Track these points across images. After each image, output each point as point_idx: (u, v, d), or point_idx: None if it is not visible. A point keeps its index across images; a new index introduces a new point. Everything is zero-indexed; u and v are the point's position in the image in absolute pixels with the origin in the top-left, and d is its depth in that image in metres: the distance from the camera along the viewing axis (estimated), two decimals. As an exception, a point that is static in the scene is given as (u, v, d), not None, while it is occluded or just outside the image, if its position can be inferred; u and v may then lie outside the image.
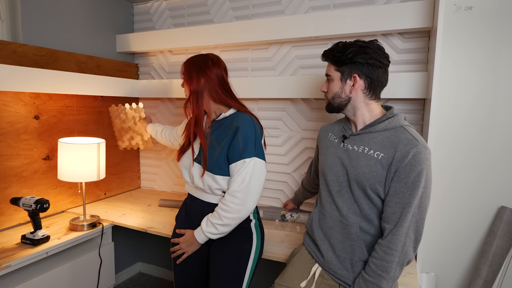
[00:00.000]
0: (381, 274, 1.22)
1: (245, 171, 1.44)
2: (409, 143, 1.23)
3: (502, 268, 1.82)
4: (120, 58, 2.71)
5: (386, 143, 1.28)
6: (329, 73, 1.41)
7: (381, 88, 1.38)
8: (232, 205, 1.44)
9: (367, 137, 1.35)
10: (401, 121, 1.32)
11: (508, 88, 1.81)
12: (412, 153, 1.20)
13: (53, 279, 1.81)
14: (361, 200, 1.32)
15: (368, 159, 1.30)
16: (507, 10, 1.77)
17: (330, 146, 1.49)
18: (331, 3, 2.08)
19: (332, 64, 1.39)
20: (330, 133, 1.55)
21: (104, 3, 2.53)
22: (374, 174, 1.27)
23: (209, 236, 1.49)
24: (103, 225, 2.04)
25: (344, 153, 1.39)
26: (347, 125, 1.45)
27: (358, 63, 1.32)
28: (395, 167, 1.23)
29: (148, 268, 2.96)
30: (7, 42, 1.87)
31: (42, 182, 2.10)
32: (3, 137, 1.88)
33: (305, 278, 1.42)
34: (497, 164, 1.86)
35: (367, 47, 1.32)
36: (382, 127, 1.31)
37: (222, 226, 1.46)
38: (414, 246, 1.25)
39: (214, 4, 2.43)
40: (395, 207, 1.23)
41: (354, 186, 1.33)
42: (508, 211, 1.83)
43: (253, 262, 1.54)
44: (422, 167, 1.20)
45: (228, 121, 1.54)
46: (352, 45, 1.34)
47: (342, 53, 1.33)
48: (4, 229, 1.92)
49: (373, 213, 1.32)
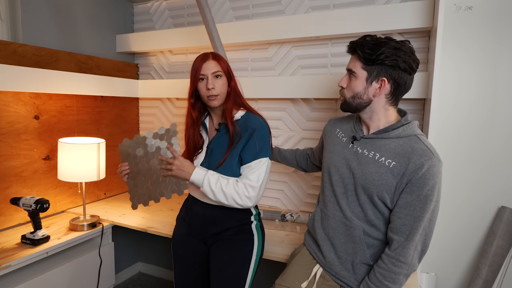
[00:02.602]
0: (388, 285, 1.22)
1: (260, 170, 1.44)
2: (424, 154, 1.18)
3: (502, 268, 1.82)
4: (120, 58, 2.72)
5: (399, 151, 1.23)
6: (353, 69, 1.29)
7: (403, 94, 1.31)
8: (243, 195, 1.42)
9: (379, 142, 1.29)
10: (415, 129, 1.27)
11: (507, 88, 1.82)
12: (426, 166, 1.16)
13: (53, 279, 1.81)
14: (366, 206, 1.30)
15: (379, 166, 1.25)
16: (507, 10, 1.77)
17: (338, 144, 1.44)
18: (331, 3, 2.09)
19: (360, 60, 1.27)
20: (338, 129, 1.49)
21: (104, 3, 2.54)
22: (383, 182, 1.23)
23: (204, 186, 1.41)
24: (103, 225, 2.05)
25: (353, 155, 1.34)
26: (358, 126, 1.40)
27: (389, 65, 1.22)
28: (407, 178, 1.19)
29: (148, 268, 2.97)
30: (7, 42, 1.88)
31: (42, 182, 2.11)
32: (3, 137, 1.89)
33: (306, 279, 1.41)
34: (497, 164, 1.86)
35: (400, 49, 1.22)
36: (396, 134, 1.26)
37: (222, 195, 1.41)
38: (420, 257, 1.24)
39: (214, 4, 2.43)
40: (406, 219, 1.20)
41: (360, 191, 1.30)
42: (508, 211, 1.83)
43: (255, 263, 1.54)
44: (436, 181, 1.17)
45: (240, 123, 1.51)
46: (384, 43, 1.23)
47: (374, 51, 1.22)
48: (4, 229, 1.93)
49: (377, 219, 1.30)
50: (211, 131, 1.59)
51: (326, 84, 2.04)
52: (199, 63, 1.48)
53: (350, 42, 1.32)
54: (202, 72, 1.46)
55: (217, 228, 1.57)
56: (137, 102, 2.83)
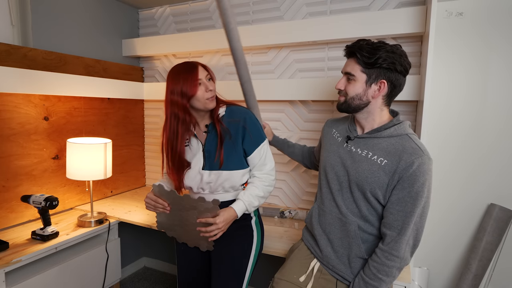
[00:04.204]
0: (382, 278, 1.25)
1: (265, 154, 1.55)
2: (414, 152, 1.21)
3: (491, 262, 1.86)
4: (126, 61, 2.75)
5: (391, 150, 1.26)
6: (352, 73, 1.31)
7: (397, 95, 1.36)
8: (271, 181, 1.55)
9: (371, 141, 1.33)
10: (407, 129, 1.30)
11: (496, 90, 1.85)
12: (417, 163, 1.19)
13: (62, 273, 1.85)
14: (360, 202, 1.33)
15: (371, 164, 1.28)
16: (496, 17, 1.81)
17: (333, 144, 1.47)
18: (328, 9, 2.12)
19: (359, 63, 1.29)
20: (334, 129, 1.52)
21: (110, 9, 2.57)
22: (375, 179, 1.26)
23: (250, 208, 1.49)
24: (109, 221, 2.08)
25: (347, 154, 1.38)
26: (352, 126, 1.43)
27: (387, 68, 1.26)
28: (398, 176, 1.22)
29: (152, 263, 3.00)
30: (18, 47, 1.91)
31: (51, 181, 2.14)
32: (14, 137, 1.93)
33: (304, 273, 1.44)
34: (487, 163, 1.90)
35: (395, 52, 1.26)
36: (388, 134, 1.30)
37: (262, 198, 1.52)
38: (412, 251, 1.27)
39: (215, 10, 2.47)
40: (398, 215, 1.23)
41: (354, 187, 1.33)
42: (497, 208, 1.87)
43: (253, 258, 1.57)
44: (426, 177, 1.20)
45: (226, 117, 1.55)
46: (381, 47, 1.26)
47: (373, 54, 1.25)
48: (15, 226, 1.96)
49: (371, 215, 1.32)
50: (200, 135, 1.58)
51: (323, 87, 2.08)
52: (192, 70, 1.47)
53: (347, 46, 1.34)
54: (200, 77, 1.46)
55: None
56: (142, 104, 2.86)
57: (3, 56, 1.84)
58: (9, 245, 1.70)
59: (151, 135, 2.89)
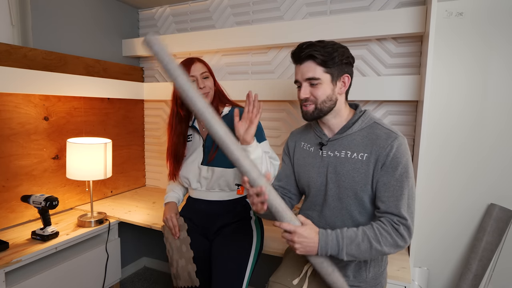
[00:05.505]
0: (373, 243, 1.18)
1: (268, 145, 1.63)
2: (389, 136, 1.23)
3: (491, 262, 1.86)
4: (126, 61, 2.75)
5: (366, 142, 1.26)
6: (316, 76, 1.26)
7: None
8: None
9: (345, 140, 1.31)
10: (372, 117, 1.31)
11: (496, 90, 1.86)
12: (395, 145, 1.21)
13: (62, 273, 1.84)
14: (351, 207, 1.30)
15: (354, 162, 1.27)
16: (496, 16, 1.81)
17: (307, 156, 1.41)
18: (328, 9, 2.13)
19: (320, 65, 1.25)
20: (302, 142, 1.46)
21: (110, 9, 2.58)
22: (363, 176, 1.25)
23: None
24: (109, 221, 2.08)
25: (325, 161, 1.34)
26: (320, 131, 1.39)
27: (345, 63, 1.27)
28: (381, 163, 1.22)
29: (152, 263, 3.00)
30: (18, 47, 1.91)
31: (51, 181, 2.15)
32: (14, 137, 1.93)
33: (298, 276, 1.42)
34: (487, 163, 1.90)
35: (343, 47, 1.28)
36: (358, 127, 1.29)
37: None
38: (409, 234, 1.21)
39: (216, 10, 2.48)
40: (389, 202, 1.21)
41: (343, 193, 1.30)
42: (497, 208, 1.87)
43: (253, 258, 1.58)
44: (406, 157, 1.21)
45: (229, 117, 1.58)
46: (331, 45, 1.26)
47: (330, 53, 1.24)
48: (15, 226, 1.96)
49: (362, 217, 1.30)
50: (202, 131, 1.65)
51: (323, 87, 2.08)
52: (187, 66, 1.54)
53: (297, 51, 1.29)
54: (192, 74, 1.52)
55: (218, 223, 1.63)
56: (142, 104, 2.86)
57: (3, 56, 1.84)
58: (9, 245, 1.70)
59: (151, 135, 2.89)
